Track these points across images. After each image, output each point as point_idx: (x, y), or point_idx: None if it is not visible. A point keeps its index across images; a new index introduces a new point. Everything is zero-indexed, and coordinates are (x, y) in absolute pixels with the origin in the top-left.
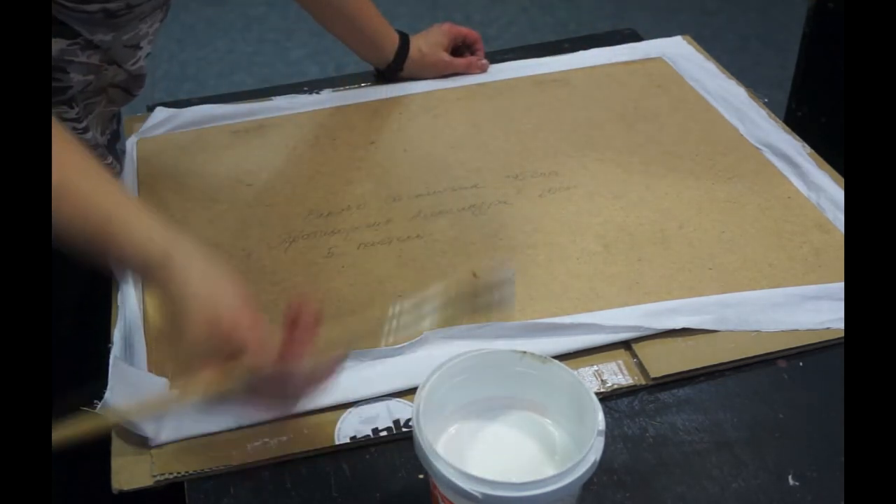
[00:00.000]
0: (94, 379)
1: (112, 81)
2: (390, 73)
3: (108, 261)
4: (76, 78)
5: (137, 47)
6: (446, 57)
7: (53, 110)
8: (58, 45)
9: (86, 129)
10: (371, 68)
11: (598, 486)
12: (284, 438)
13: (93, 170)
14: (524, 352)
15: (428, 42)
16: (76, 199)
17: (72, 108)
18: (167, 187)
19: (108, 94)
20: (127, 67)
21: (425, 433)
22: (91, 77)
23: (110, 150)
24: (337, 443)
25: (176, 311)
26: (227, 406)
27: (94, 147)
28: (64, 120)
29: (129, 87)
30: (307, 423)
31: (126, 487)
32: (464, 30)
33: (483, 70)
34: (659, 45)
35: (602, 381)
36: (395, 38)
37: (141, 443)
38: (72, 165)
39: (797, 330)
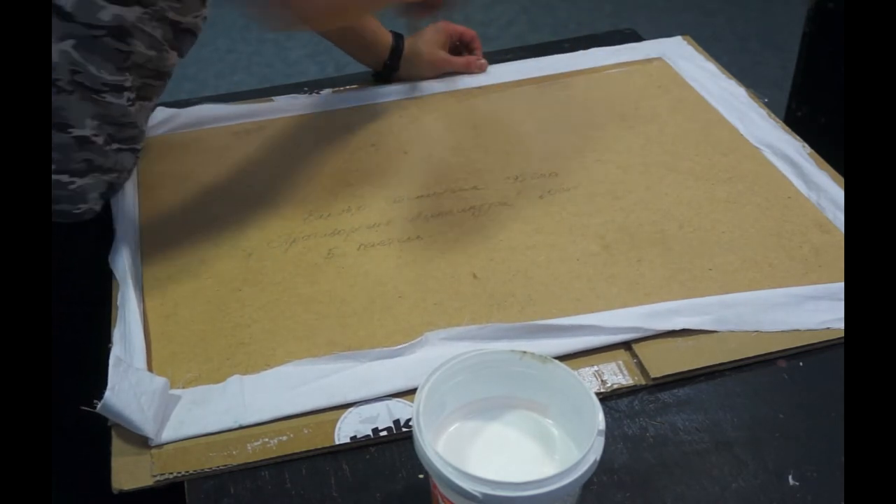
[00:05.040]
0: (94, 379)
1: (168, 69)
2: (387, 73)
3: None
4: (139, 48)
5: (194, 34)
6: (444, 55)
7: (111, 79)
8: (134, 12)
9: (133, 103)
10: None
11: (598, 486)
12: (284, 438)
13: None
14: (524, 352)
15: (424, 40)
16: None
17: (126, 77)
18: (167, 188)
19: (165, 83)
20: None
21: (425, 433)
22: (153, 53)
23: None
24: (337, 443)
25: None
26: None
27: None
28: (120, 90)
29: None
30: (307, 423)
31: (126, 487)
32: (460, 28)
33: (482, 69)
34: (659, 46)
35: (602, 381)
36: (389, 38)
37: (141, 443)
38: None
39: (797, 330)
